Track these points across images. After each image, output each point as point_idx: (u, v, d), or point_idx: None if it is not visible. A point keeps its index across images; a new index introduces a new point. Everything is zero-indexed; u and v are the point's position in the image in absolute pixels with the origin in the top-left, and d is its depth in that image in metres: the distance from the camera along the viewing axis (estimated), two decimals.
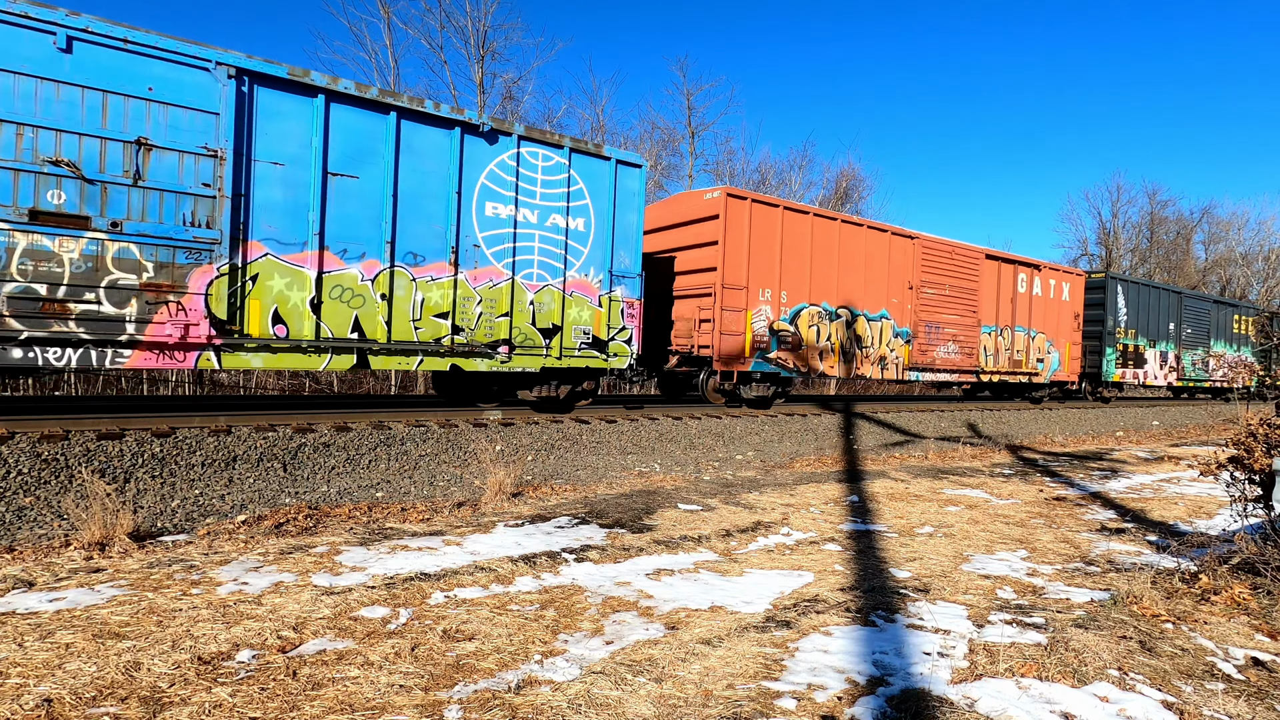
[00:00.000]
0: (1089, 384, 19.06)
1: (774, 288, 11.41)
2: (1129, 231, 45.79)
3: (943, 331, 14.11)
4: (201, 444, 6.24)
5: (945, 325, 14.16)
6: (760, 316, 11.21)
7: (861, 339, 12.71)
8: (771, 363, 11.37)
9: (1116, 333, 18.94)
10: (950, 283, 14.24)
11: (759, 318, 11.19)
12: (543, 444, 8.28)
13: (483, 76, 22.05)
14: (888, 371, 13.17)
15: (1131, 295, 19.59)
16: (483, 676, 2.99)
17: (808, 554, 5.19)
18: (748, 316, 11.02)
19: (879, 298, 13.02)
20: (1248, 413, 5.02)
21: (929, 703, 2.89)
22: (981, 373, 14.98)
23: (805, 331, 11.79)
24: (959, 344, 14.44)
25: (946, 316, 14.19)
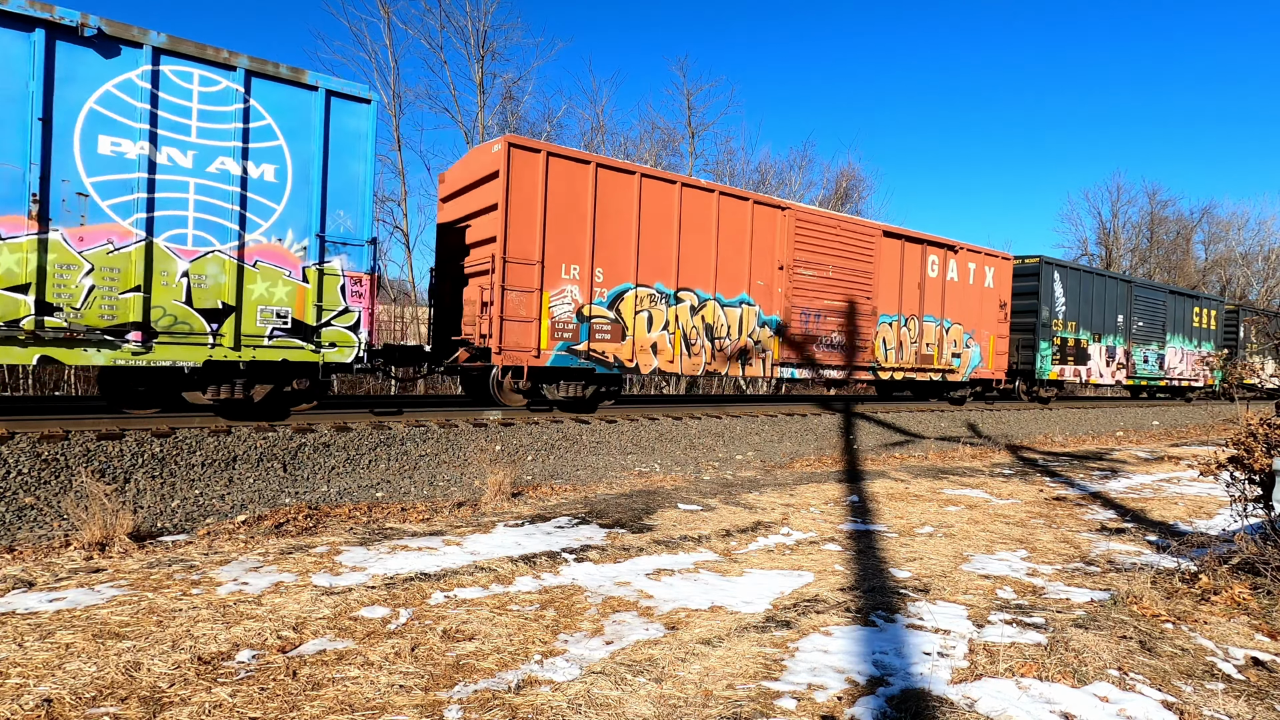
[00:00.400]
0: (1023, 382, 17.09)
1: (584, 264, 9.17)
2: (1129, 231, 45.81)
3: (825, 321, 11.85)
4: (201, 444, 6.24)
5: (829, 313, 11.90)
6: (563, 299, 9.02)
7: (714, 329, 10.50)
8: (581, 356, 9.20)
9: (1053, 325, 16.65)
10: (836, 264, 11.92)
11: (561, 301, 9.00)
12: (542, 444, 8.28)
13: (483, 76, 22.05)
14: (751, 368, 11.00)
15: (1071, 283, 17.31)
16: (483, 676, 2.99)
17: (808, 554, 5.19)
18: (544, 299, 8.84)
19: (737, 279, 10.74)
20: (1248, 413, 5.02)
21: (929, 703, 2.89)
22: (880, 369, 12.83)
23: (631, 319, 9.61)
24: (849, 335, 12.23)
25: (831, 303, 11.90)
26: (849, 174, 32.84)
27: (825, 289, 11.91)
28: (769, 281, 11.23)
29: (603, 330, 9.45)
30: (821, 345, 11.90)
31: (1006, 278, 15.56)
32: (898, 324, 13.24)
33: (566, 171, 9.08)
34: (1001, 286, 15.41)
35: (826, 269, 11.89)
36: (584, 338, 9.24)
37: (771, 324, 11.25)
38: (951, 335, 14.28)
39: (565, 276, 9.11)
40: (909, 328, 13.46)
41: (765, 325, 11.18)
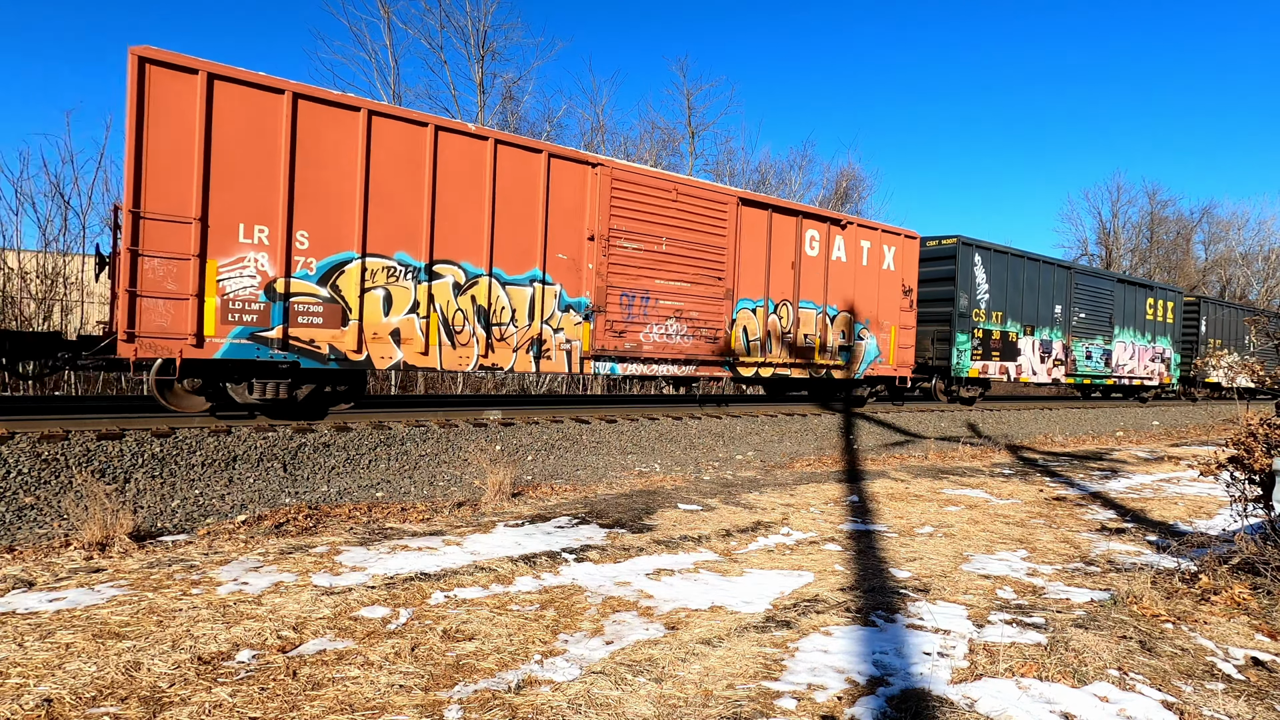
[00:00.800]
0: (940, 380, 14.95)
1: (277, 225, 6.94)
2: (1129, 231, 45.81)
3: (658, 305, 9.59)
4: (201, 444, 6.24)
5: (664, 296, 9.65)
6: (243, 271, 6.79)
7: (491, 312, 8.19)
8: (274, 346, 6.93)
9: (974, 315, 14.45)
10: (673, 236, 9.71)
11: (239, 273, 6.78)
12: (543, 444, 8.27)
13: (483, 76, 22.05)
14: (551, 361, 8.74)
15: (996, 268, 15.06)
16: (483, 676, 2.99)
17: (808, 554, 5.18)
18: (208, 269, 6.63)
19: (526, 252, 8.49)
20: (1248, 413, 5.02)
21: (929, 703, 2.89)
22: (740, 363, 10.56)
23: (357, 298, 7.36)
24: (693, 324, 9.97)
25: (667, 283, 9.68)
26: (849, 174, 32.82)
27: (658, 266, 9.58)
28: (575, 255, 8.93)
29: (310, 312, 7.13)
30: (653, 335, 9.61)
31: (911, 259, 13.05)
32: (763, 310, 10.73)
33: (247, 101, 6.78)
34: (905, 269, 12.91)
35: (659, 242, 9.57)
36: (278, 321, 6.93)
37: (579, 307, 8.95)
38: (839, 325, 11.85)
39: (247, 241, 6.83)
40: (780, 315, 11.01)
41: (571, 309, 8.89)
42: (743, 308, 10.61)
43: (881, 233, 12.62)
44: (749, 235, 10.63)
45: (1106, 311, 18.50)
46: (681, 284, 9.93)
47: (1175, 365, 21.52)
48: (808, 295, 11.48)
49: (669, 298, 9.81)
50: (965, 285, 14.42)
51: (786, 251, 11.17)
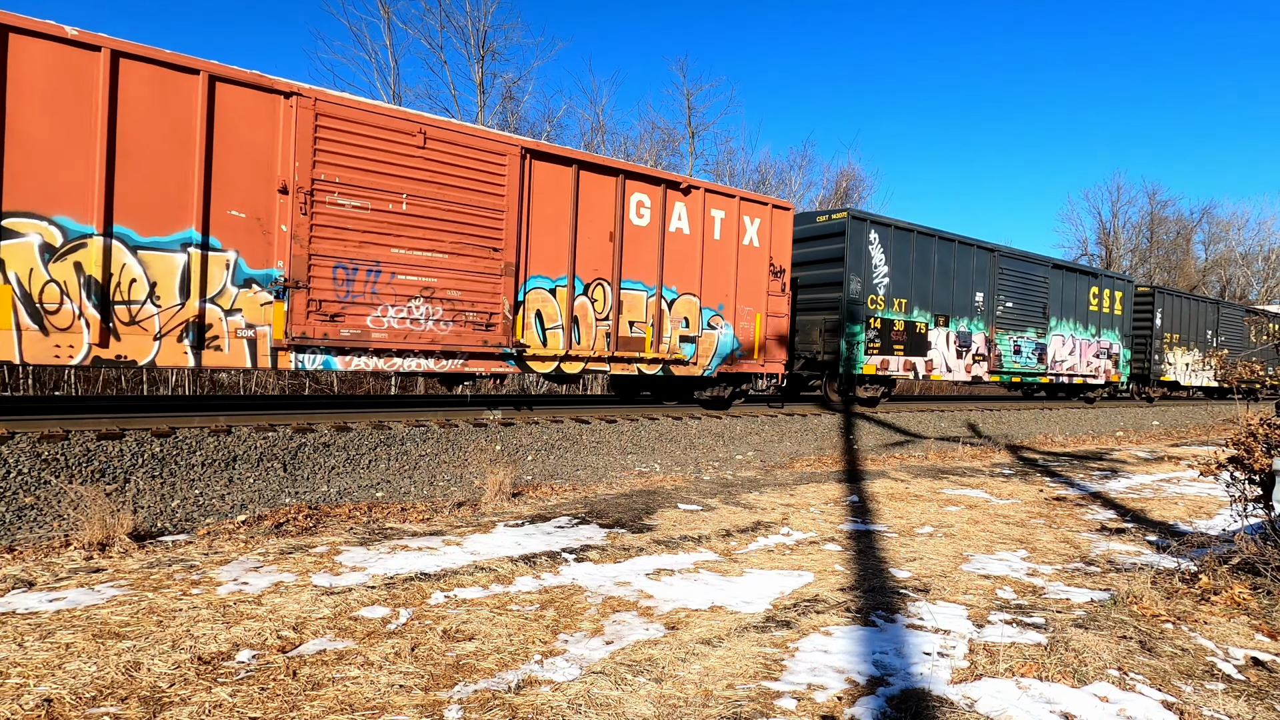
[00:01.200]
0: (831, 378, 12.78)
1: None
2: (1129, 231, 45.83)
3: (398, 281, 7.46)
4: (201, 444, 6.24)
5: (405, 269, 7.51)
6: None
7: (108, 287, 6.04)
8: None
9: (870, 302, 12.42)
10: (419, 193, 7.55)
11: None
12: (543, 444, 8.28)
13: (483, 76, 22.05)
14: (222, 353, 6.56)
15: (899, 248, 12.94)
16: (483, 676, 2.99)
17: (808, 554, 5.19)
18: None
19: (175, 205, 6.33)
20: (1248, 413, 5.02)
21: (929, 703, 2.89)
22: (530, 357, 8.39)
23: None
24: (454, 306, 7.75)
25: (409, 253, 7.53)
26: (849, 174, 32.83)
27: (395, 231, 7.44)
28: (261, 213, 6.78)
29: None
30: (389, 319, 7.45)
31: (784, 235, 10.89)
32: (567, 291, 8.62)
33: None
34: (777, 246, 10.78)
35: (396, 200, 7.42)
36: None
37: (265, 281, 6.77)
38: (680, 311, 9.72)
39: None
40: (593, 298, 8.90)
41: (254, 284, 6.73)
42: (535, 287, 8.41)
43: (741, 201, 10.34)
44: (544, 197, 8.46)
45: (1039, 301, 16.22)
46: (434, 254, 7.66)
47: (1125, 362, 19.23)
48: (634, 274, 9.30)
49: (414, 271, 7.55)
50: (858, 267, 12.26)
51: (602, 219, 8.96)
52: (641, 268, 9.44)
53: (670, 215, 9.68)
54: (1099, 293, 18.26)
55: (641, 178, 9.39)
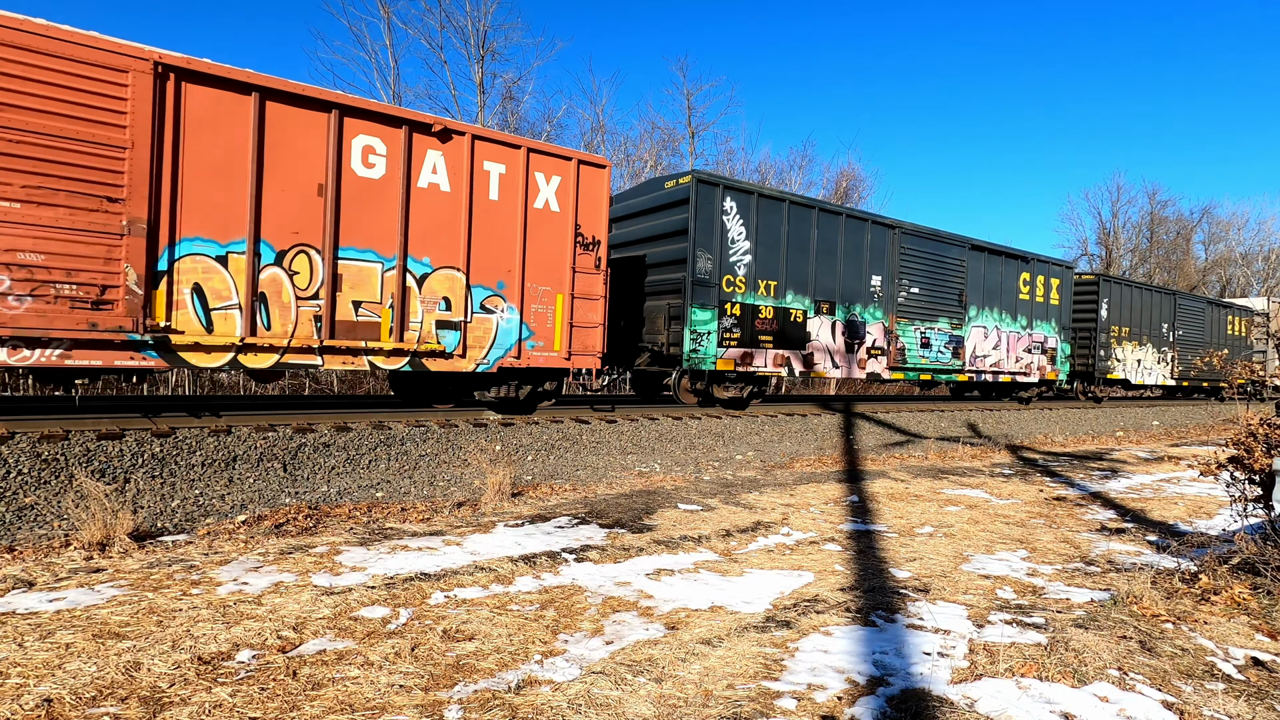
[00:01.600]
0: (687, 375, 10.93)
1: None
2: (1129, 231, 45.83)
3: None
4: (201, 444, 6.24)
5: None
6: None
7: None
8: None
9: (725, 284, 10.32)
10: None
11: None
12: (543, 444, 8.28)
13: (483, 76, 22.06)
14: None
15: (766, 221, 10.84)
16: (483, 676, 2.99)
17: (808, 554, 5.19)
18: None
19: None
20: (1247, 413, 5.02)
21: (929, 703, 2.89)
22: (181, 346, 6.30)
23: None
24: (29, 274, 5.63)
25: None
26: (849, 174, 32.82)
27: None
28: None
29: None
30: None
31: (596, 198, 8.86)
32: (247, 260, 6.61)
33: None
34: (588, 212, 8.80)
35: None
36: None
37: None
38: (436, 289, 7.68)
39: None
40: (294, 269, 6.89)
41: None
42: (192, 254, 6.36)
43: (531, 154, 8.29)
44: (207, 133, 6.39)
45: (954, 287, 14.05)
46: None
47: (1063, 358, 17.03)
48: (361, 240, 7.27)
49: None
50: (708, 241, 10.13)
51: (306, 167, 6.94)
52: (373, 232, 7.33)
53: (419, 167, 7.59)
54: (1031, 279, 16.00)
55: (371, 115, 7.24)
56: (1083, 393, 19.28)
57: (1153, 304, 20.44)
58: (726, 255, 10.46)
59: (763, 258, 10.87)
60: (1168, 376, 20.90)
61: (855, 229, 12.31)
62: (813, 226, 11.57)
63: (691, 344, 10.09)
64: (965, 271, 14.35)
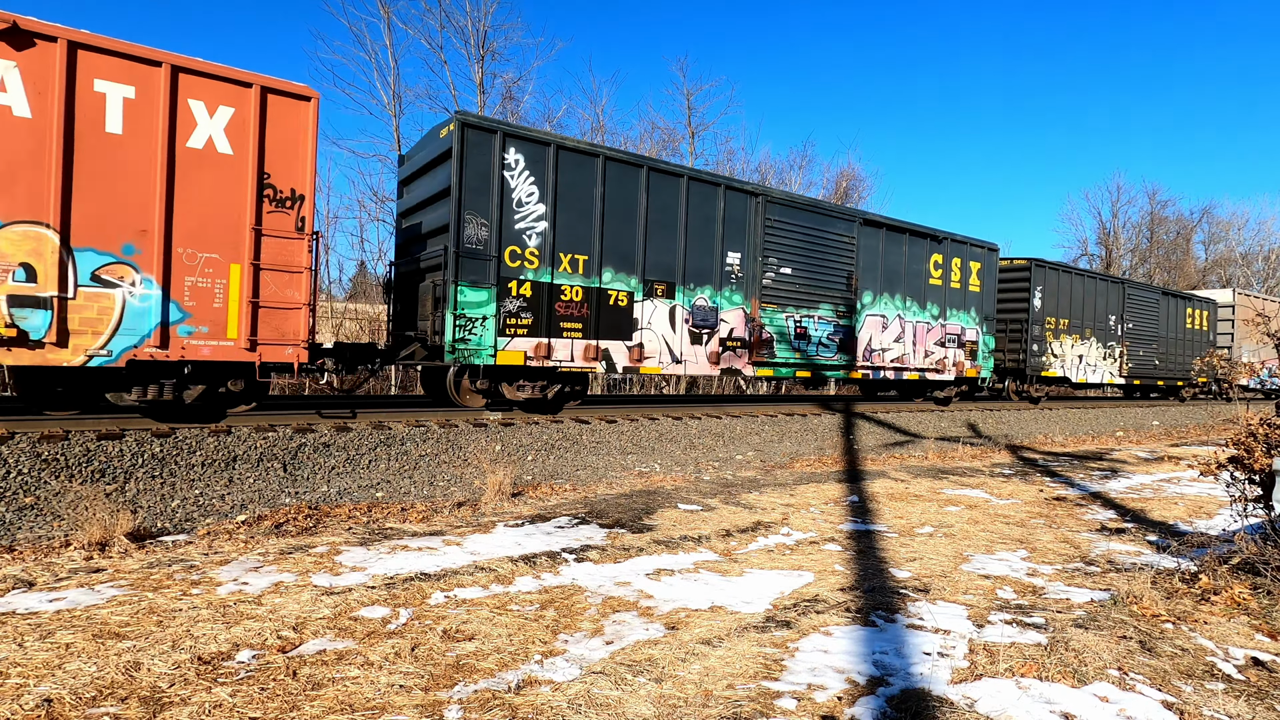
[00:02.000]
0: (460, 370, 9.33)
1: None
2: (1129, 231, 45.83)
3: None
4: (201, 444, 6.24)
5: None
6: None
7: None
8: None
9: (513, 257, 8.42)
10: None
11: None
12: (543, 444, 8.28)
13: (483, 76, 22.05)
14: None
15: (571, 179, 8.87)
16: (483, 676, 2.99)
17: (808, 554, 5.18)
18: None
19: None
20: (1248, 413, 5.02)
21: (929, 703, 2.89)
22: None
23: None
24: None
25: None
26: (849, 174, 32.80)
27: None
28: None
29: None
30: None
31: (297, 141, 6.85)
32: None
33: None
34: (281, 157, 6.79)
35: None
36: None
37: None
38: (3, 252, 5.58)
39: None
40: None
41: None
42: None
43: (178, 74, 6.25)
44: None
45: (842, 269, 11.99)
46: None
47: (986, 352, 14.90)
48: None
49: None
50: (481, 203, 8.11)
51: None
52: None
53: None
54: (944, 262, 13.80)
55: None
56: (1015, 392, 17.16)
57: (1097, 293, 18.17)
58: (511, 221, 8.38)
59: (567, 227, 8.80)
60: (1115, 374, 18.88)
61: (704, 195, 10.16)
62: (642, 190, 9.45)
63: (457, 331, 8.00)
64: (856, 250, 12.18)
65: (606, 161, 9.16)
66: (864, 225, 12.42)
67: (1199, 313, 22.50)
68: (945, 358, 14.03)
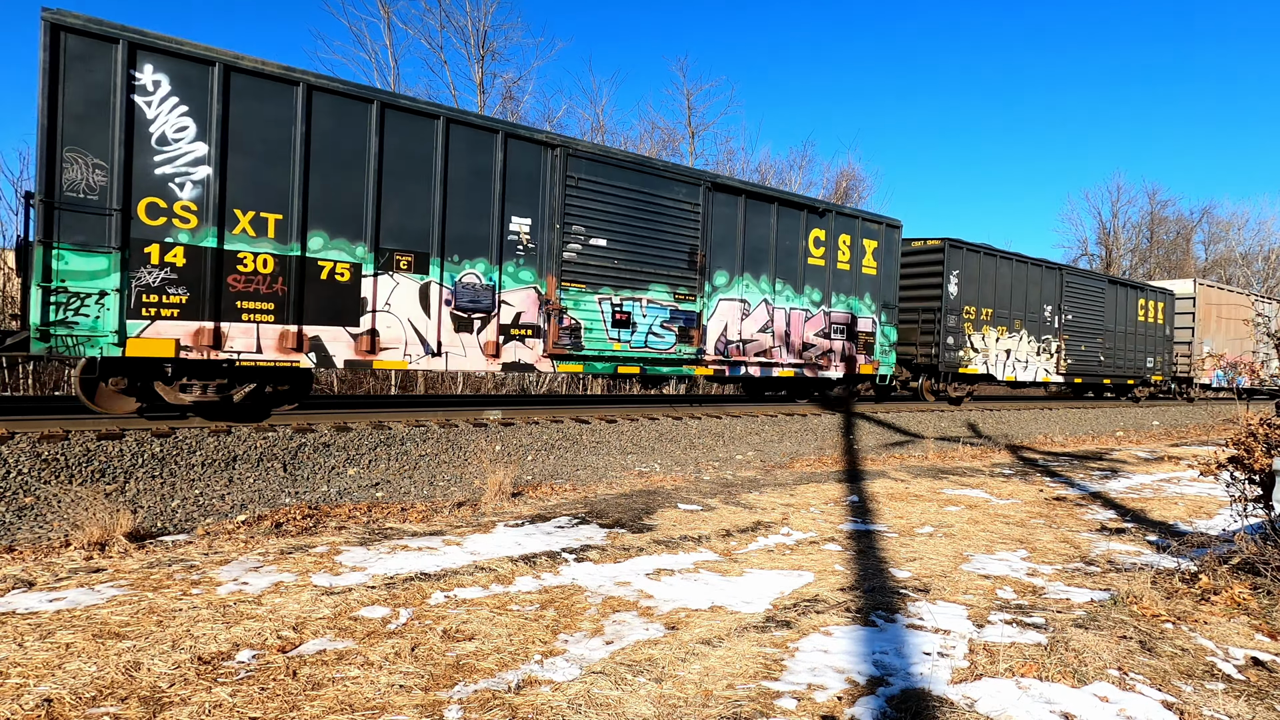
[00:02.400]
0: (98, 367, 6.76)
1: None
2: (1129, 231, 45.84)
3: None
4: (201, 444, 6.24)
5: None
6: None
7: None
8: None
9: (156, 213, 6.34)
10: None
11: None
12: (543, 444, 8.27)
13: (483, 76, 22.05)
14: None
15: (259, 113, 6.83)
16: (483, 676, 2.99)
17: (808, 554, 5.18)
18: None
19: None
20: (1248, 413, 5.02)
21: (929, 703, 2.89)
22: None
23: None
24: None
25: None
26: (849, 174, 32.81)
27: None
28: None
29: None
30: None
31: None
32: None
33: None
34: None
35: None
36: None
37: None
38: None
39: None
40: None
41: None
42: None
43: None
44: None
45: (683, 242, 9.81)
46: None
47: (886, 346, 12.78)
48: None
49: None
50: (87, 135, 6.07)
51: None
52: None
53: None
54: (828, 239, 11.60)
55: None
56: (931, 391, 15.14)
57: (1028, 281, 16.02)
58: (148, 165, 6.33)
59: (246, 174, 6.71)
60: (1052, 371, 16.77)
61: (473, 144, 8.06)
62: (372, 132, 7.35)
63: (53, 311, 5.93)
64: (704, 220, 9.95)
65: (311, 92, 7.00)
66: (714, 191, 10.14)
67: (1154, 304, 20.28)
68: (832, 351, 11.90)
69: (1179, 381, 22.13)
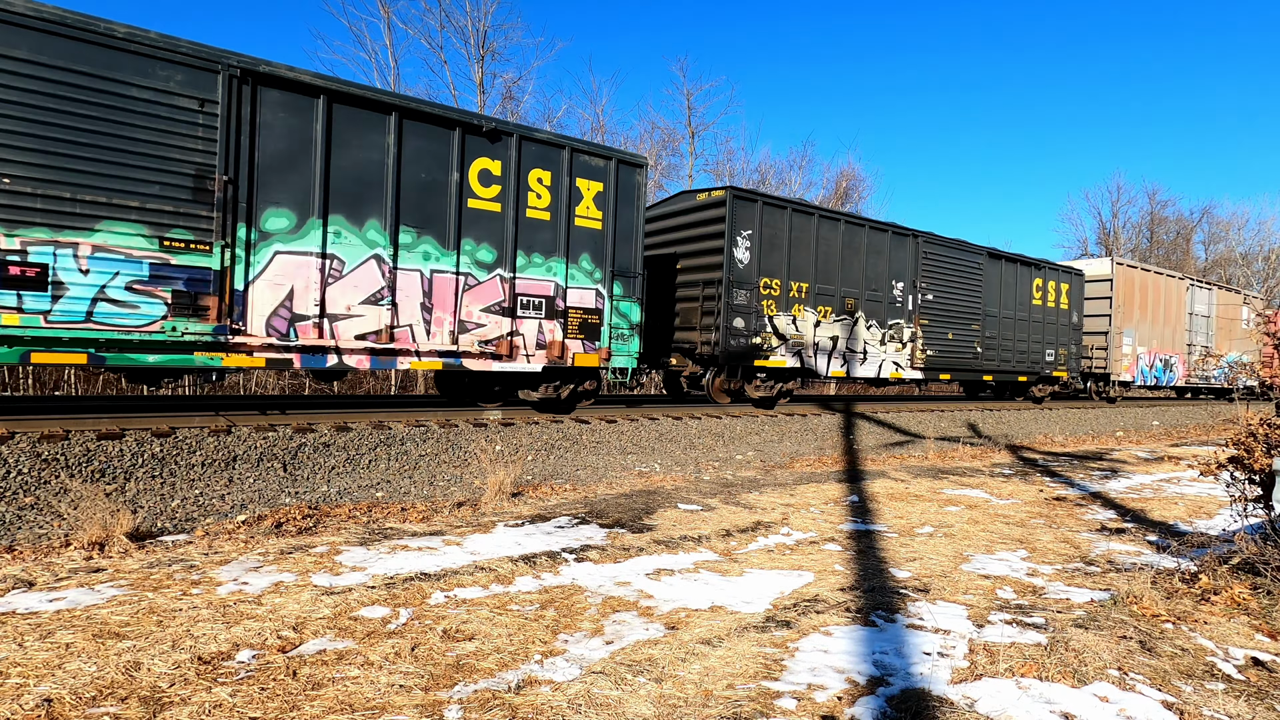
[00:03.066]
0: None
1: None
2: (1129, 231, 45.84)
3: None
4: (201, 444, 6.23)
5: None
6: None
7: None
8: None
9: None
10: None
11: None
12: (543, 444, 8.27)
13: (483, 76, 22.06)
14: None
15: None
16: (483, 676, 2.99)
17: (808, 554, 5.18)
18: None
19: None
20: (1248, 413, 5.02)
21: (929, 703, 2.89)
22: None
23: None
24: None
25: None
26: (849, 174, 32.81)
27: None
28: None
29: None
30: None
31: None
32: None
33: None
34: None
35: None
36: None
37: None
38: None
39: None
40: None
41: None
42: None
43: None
44: None
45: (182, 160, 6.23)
46: None
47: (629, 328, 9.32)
48: None
49: None
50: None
51: None
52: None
53: None
54: (505, 173, 8.18)
55: None
56: (725, 390, 11.57)
57: (868, 249, 12.36)
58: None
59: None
60: (905, 365, 13.35)
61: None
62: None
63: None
64: (226, 127, 6.44)
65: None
66: (260, 85, 6.62)
67: (1054, 285, 16.51)
68: (521, 335, 8.45)
69: (1094, 379, 18.59)
